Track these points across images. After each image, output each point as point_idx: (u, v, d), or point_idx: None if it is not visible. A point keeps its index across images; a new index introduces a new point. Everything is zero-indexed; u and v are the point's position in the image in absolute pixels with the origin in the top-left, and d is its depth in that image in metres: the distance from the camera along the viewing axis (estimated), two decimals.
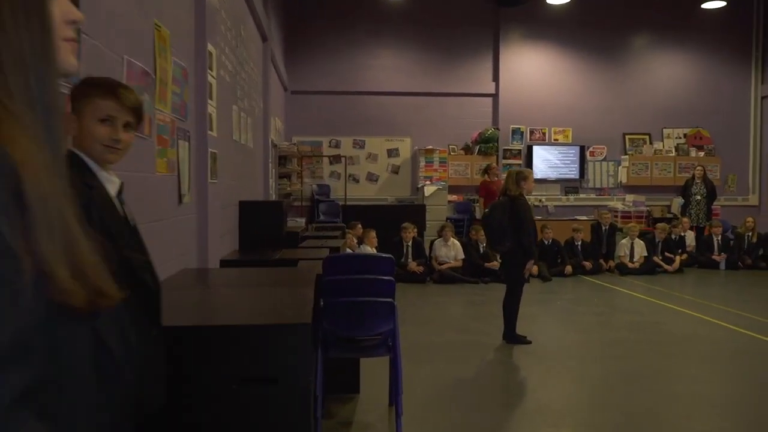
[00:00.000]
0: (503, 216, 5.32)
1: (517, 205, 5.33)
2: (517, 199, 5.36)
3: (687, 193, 11.44)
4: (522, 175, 5.46)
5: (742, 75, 13.33)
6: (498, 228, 5.35)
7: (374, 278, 3.24)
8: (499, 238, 5.38)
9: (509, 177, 5.50)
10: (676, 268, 9.78)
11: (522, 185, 5.40)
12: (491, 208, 5.55)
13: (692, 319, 6.49)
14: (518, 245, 5.30)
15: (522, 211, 5.32)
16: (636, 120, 13.14)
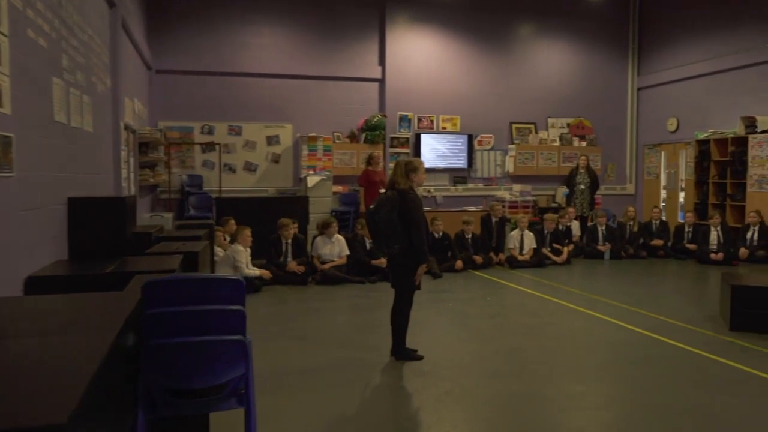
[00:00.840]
0: (392, 213, 4.58)
1: (407, 201, 4.63)
2: (407, 194, 4.66)
3: (571, 182, 11.43)
4: (411, 166, 4.75)
5: (620, 66, 13.59)
6: (386, 227, 4.59)
7: (217, 309, 2.38)
8: (388, 239, 4.65)
9: (397, 168, 4.76)
10: (564, 260, 9.62)
11: (412, 177, 4.72)
12: (378, 203, 4.77)
13: (584, 318, 6.16)
14: (409, 247, 4.62)
15: (413, 208, 4.62)
16: (522, 109, 13.01)
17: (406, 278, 4.71)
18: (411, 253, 4.62)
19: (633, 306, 6.55)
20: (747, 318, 5.44)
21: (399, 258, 4.68)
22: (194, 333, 2.36)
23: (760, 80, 10.72)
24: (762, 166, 10.22)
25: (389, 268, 4.93)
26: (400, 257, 4.67)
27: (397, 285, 4.80)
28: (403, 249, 4.62)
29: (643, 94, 13.56)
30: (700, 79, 12.00)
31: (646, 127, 13.51)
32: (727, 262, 9.51)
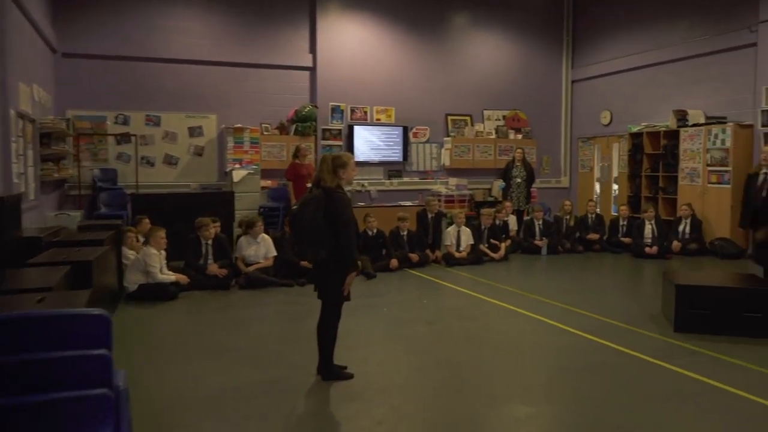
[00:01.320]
0: (317, 213, 4.06)
1: (334, 200, 4.11)
2: (334, 192, 4.14)
3: (508, 175, 11.20)
4: (339, 161, 4.22)
5: (555, 59, 13.48)
6: (310, 229, 4.06)
7: (71, 356, 1.80)
8: (312, 243, 4.10)
9: (323, 164, 4.23)
10: (502, 256, 9.34)
11: (340, 174, 4.20)
12: (301, 203, 4.20)
13: (526, 321, 5.83)
14: (336, 251, 4.12)
15: (341, 208, 4.11)
16: (458, 100, 12.70)
17: (333, 287, 4.18)
18: (338, 259, 4.10)
19: (574, 306, 6.28)
20: (691, 318, 5.23)
21: (325, 264, 4.15)
22: (41, 389, 1.77)
23: (691, 74, 10.76)
24: (693, 160, 10.26)
25: (314, 277, 4.40)
26: (327, 263, 4.14)
27: (324, 295, 4.28)
28: (329, 254, 4.08)
29: (577, 86, 13.50)
30: (632, 73, 11.99)
31: (580, 120, 13.47)
32: (662, 255, 9.48)
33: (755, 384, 4.09)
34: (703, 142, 10.05)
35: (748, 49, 9.77)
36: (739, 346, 4.87)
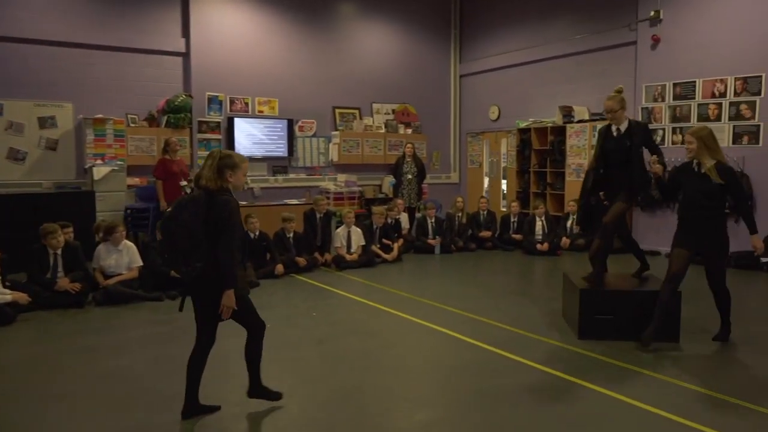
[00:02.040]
0: (195, 219, 3.35)
1: (219, 205, 3.38)
2: (219, 195, 3.41)
3: (398, 171, 10.77)
4: (229, 161, 3.48)
5: (443, 52, 13.25)
6: (186, 238, 3.35)
7: None
8: (187, 254, 3.37)
9: (208, 161, 3.48)
10: (395, 257, 8.88)
11: (227, 176, 3.46)
12: (177, 205, 3.50)
13: (424, 333, 5.37)
14: (215, 266, 3.36)
15: (226, 215, 3.37)
16: (346, 93, 12.11)
17: (209, 309, 3.46)
18: (218, 274, 3.36)
19: (474, 313, 5.90)
20: (596, 325, 4.98)
21: (203, 280, 3.40)
22: None
23: (576, 70, 10.87)
24: (579, 156, 10.35)
25: (192, 295, 3.58)
26: (205, 279, 3.39)
27: (199, 315, 3.55)
28: (207, 268, 3.35)
29: (465, 81, 13.37)
30: (519, 68, 11.99)
31: (468, 115, 13.35)
32: (552, 252, 9.45)
33: (670, 398, 3.84)
34: (588, 138, 10.15)
35: (628, 47, 9.96)
36: (647, 354, 4.66)
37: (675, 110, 9.26)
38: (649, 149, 5.16)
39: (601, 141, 5.30)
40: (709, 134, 4.80)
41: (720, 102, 8.72)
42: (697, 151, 4.76)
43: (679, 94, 9.20)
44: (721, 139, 8.68)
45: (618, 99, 5.14)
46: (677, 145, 9.26)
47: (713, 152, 4.73)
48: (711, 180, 4.69)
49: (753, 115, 8.39)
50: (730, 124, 8.63)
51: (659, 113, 9.47)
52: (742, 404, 3.71)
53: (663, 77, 9.39)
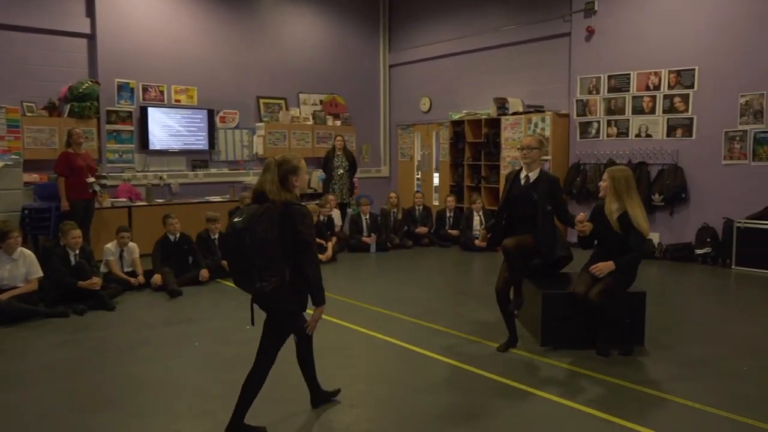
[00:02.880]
0: (271, 233, 3.05)
1: (295, 217, 3.13)
2: (293, 206, 3.15)
3: (329, 166, 10.19)
4: (289, 167, 3.22)
5: (372, 41, 12.74)
6: (262, 253, 3.03)
7: None
8: (264, 269, 3.05)
9: (267, 175, 3.18)
10: (329, 257, 8.33)
11: (292, 183, 3.22)
12: (249, 218, 3.05)
13: (373, 346, 4.88)
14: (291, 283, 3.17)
15: (304, 228, 3.15)
16: (271, 82, 11.38)
17: (280, 326, 3.36)
18: (295, 292, 3.23)
19: (420, 318, 5.46)
20: (557, 331, 4.65)
21: (274, 298, 3.19)
22: None
23: (510, 61, 10.65)
24: (514, 148, 10.14)
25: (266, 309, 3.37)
26: (276, 297, 3.18)
27: (265, 336, 3.40)
28: (281, 282, 3.12)
29: (395, 71, 12.92)
30: (451, 58, 11.67)
31: (399, 107, 12.92)
32: (491, 247, 9.17)
33: (649, 412, 3.53)
34: (523, 130, 9.95)
35: (562, 38, 9.82)
36: (613, 362, 4.37)
37: (610, 103, 9.20)
38: (553, 206, 4.50)
39: (507, 186, 4.72)
40: (622, 177, 4.51)
41: (654, 95, 8.70)
42: (606, 192, 4.55)
43: (614, 87, 9.13)
44: (655, 132, 8.78)
45: (538, 138, 4.61)
46: (612, 138, 9.21)
47: (620, 198, 4.48)
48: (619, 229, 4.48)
49: (686, 108, 8.41)
50: (664, 116, 8.63)
51: (594, 106, 9.38)
52: (674, 400, 3.45)
53: (598, 69, 9.30)
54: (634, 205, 4.51)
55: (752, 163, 7.85)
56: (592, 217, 4.68)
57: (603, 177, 4.67)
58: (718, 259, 7.97)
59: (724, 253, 7.87)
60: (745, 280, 7.14)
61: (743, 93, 7.86)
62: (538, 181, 4.50)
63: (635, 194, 4.56)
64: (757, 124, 7.77)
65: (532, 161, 4.52)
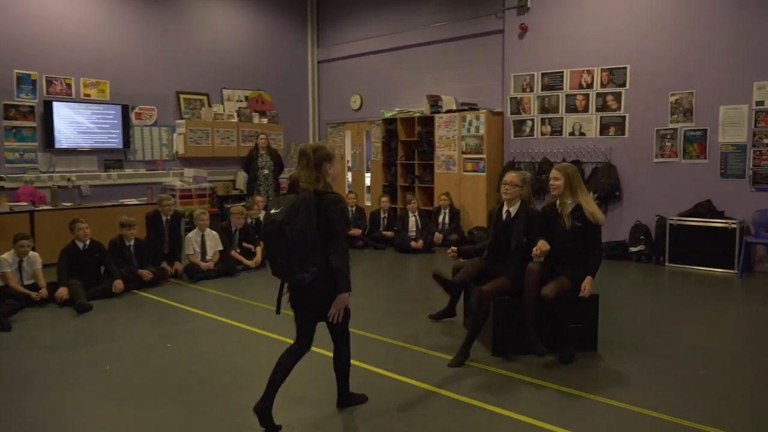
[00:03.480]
0: (311, 223, 3.06)
1: (330, 205, 3.15)
2: (328, 195, 3.17)
3: (252, 166, 9.57)
4: (323, 153, 3.21)
5: (300, 36, 12.24)
6: (304, 243, 3.03)
7: None
8: (304, 260, 3.06)
9: (302, 161, 3.20)
10: (258, 262, 7.77)
11: (326, 170, 3.22)
12: (289, 210, 3.02)
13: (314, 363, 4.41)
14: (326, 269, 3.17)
15: (337, 216, 3.16)
16: (192, 76, 10.67)
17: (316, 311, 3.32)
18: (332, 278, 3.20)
19: (361, 328, 5.03)
20: (509, 338, 4.37)
21: (316, 287, 3.17)
22: None
23: (443, 58, 10.42)
24: (448, 147, 9.92)
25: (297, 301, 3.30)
26: (318, 286, 3.16)
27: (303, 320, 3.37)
28: (321, 272, 3.13)
29: (324, 67, 12.46)
30: (382, 55, 11.33)
31: (328, 104, 12.47)
32: (427, 249, 8.91)
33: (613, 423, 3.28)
34: (457, 128, 9.74)
35: (495, 35, 9.67)
36: (570, 370, 4.13)
37: (543, 101, 9.11)
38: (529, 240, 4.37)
39: (492, 222, 4.68)
40: (575, 172, 4.45)
41: (587, 93, 8.68)
42: (562, 189, 4.38)
43: (548, 85, 9.06)
44: (588, 130, 8.76)
45: (522, 176, 4.50)
46: (546, 136, 9.14)
47: (575, 192, 4.37)
48: (573, 223, 4.33)
49: (619, 107, 8.42)
50: (597, 114, 8.62)
51: (528, 104, 9.28)
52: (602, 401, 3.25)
53: (531, 67, 9.20)
54: (587, 199, 4.43)
55: (682, 161, 7.93)
56: (545, 222, 4.49)
57: (553, 176, 4.45)
58: (651, 257, 8.01)
59: (658, 250, 7.92)
60: (680, 277, 7.17)
61: (673, 92, 7.93)
62: (517, 215, 4.48)
63: (585, 188, 4.50)
64: (687, 122, 7.85)
65: (512, 197, 4.50)
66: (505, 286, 4.36)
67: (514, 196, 4.48)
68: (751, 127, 7.36)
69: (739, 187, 7.49)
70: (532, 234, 4.40)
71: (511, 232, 4.45)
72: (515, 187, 4.47)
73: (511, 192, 4.47)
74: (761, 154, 7.32)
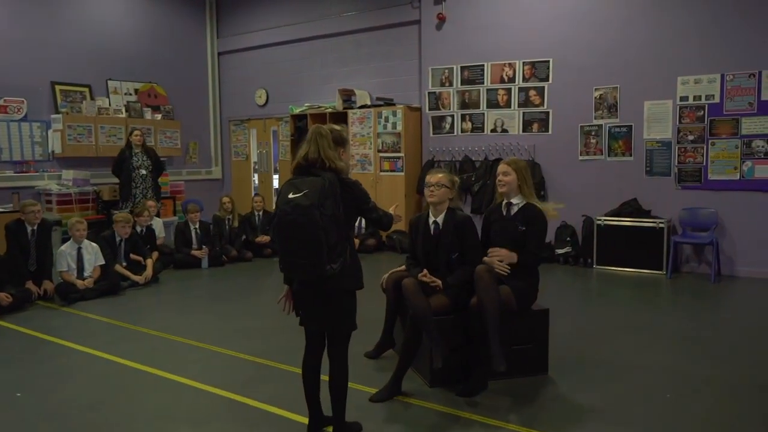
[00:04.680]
0: (338, 209, 2.69)
1: (349, 188, 2.82)
2: (346, 179, 2.81)
3: (125, 167, 8.37)
4: (339, 137, 2.86)
5: (198, 24, 11.14)
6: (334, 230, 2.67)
7: None
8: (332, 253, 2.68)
9: (321, 141, 2.79)
10: (149, 277, 6.71)
11: (341, 155, 2.83)
12: (318, 195, 2.63)
13: (215, 407, 3.55)
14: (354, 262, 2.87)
15: (363, 195, 2.89)
16: (71, 66, 9.36)
17: (348, 312, 2.92)
18: (354, 269, 2.88)
19: (277, 360, 4.21)
20: (449, 364, 3.69)
21: (338, 279, 2.76)
22: None
23: (356, 50, 9.71)
24: (364, 145, 9.22)
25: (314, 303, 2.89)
26: (339, 277, 2.76)
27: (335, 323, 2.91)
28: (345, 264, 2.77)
29: (225, 60, 11.42)
30: (289, 46, 10.47)
31: (231, 100, 11.44)
32: None
33: None
34: (373, 125, 9.05)
35: (412, 26, 9.08)
36: (525, 403, 3.50)
37: (464, 95, 8.60)
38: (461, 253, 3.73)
39: (413, 236, 3.93)
40: (527, 167, 3.90)
41: (509, 87, 8.24)
42: (514, 186, 3.80)
43: (468, 79, 8.55)
44: (511, 127, 8.32)
45: (450, 177, 3.81)
46: (467, 133, 8.63)
47: (523, 189, 3.81)
48: (517, 225, 3.77)
49: (542, 102, 8.04)
50: (519, 110, 8.19)
51: (447, 99, 8.73)
52: None
53: (450, 60, 8.67)
54: (534, 196, 3.87)
55: (608, 159, 7.63)
56: (489, 223, 3.89)
57: (501, 171, 3.84)
58: (579, 259, 7.66)
59: (585, 252, 7.58)
60: (610, 281, 6.83)
61: (597, 86, 7.62)
62: (446, 227, 3.74)
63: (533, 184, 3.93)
64: (611, 119, 7.57)
65: (439, 201, 3.75)
66: (443, 305, 3.68)
67: (442, 198, 3.75)
68: (676, 123, 7.15)
69: (664, 185, 7.27)
70: (466, 247, 3.73)
71: (433, 246, 3.78)
72: (442, 188, 3.74)
73: (438, 194, 3.73)
74: (686, 151, 7.13)
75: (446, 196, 3.76)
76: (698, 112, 7.01)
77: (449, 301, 3.68)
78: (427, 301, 3.56)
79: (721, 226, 6.94)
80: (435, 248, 3.78)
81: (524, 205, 3.80)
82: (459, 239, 3.73)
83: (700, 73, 6.97)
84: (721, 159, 6.93)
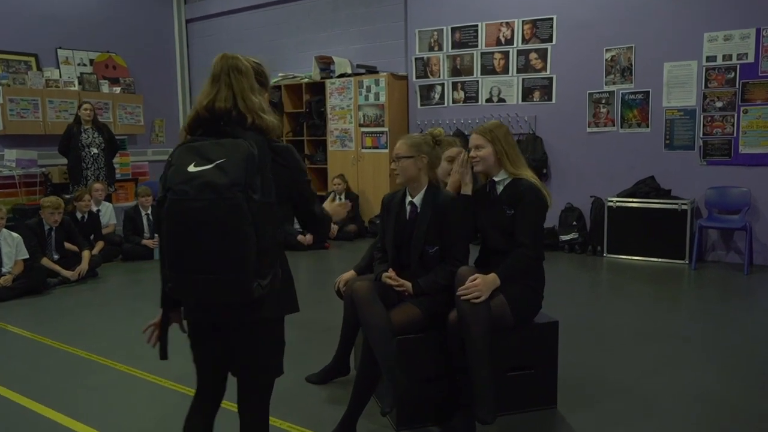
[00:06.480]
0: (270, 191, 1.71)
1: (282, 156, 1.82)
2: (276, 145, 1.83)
3: (74, 145, 7.34)
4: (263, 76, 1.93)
5: None
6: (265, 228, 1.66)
7: None
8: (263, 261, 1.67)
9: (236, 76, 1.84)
10: (84, 271, 5.74)
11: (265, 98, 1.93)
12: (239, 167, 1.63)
13: None
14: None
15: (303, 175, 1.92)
16: (14, 32, 8.33)
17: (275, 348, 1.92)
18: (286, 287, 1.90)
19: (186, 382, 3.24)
20: (420, 399, 2.73)
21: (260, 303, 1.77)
22: None
23: (334, 13, 8.65)
24: (343, 119, 8.21)
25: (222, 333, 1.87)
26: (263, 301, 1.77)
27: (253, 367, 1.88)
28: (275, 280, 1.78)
29: (193, 27, 10.36)
30: (261, 11, 9.41)
31: (200, 72, 10.36)
32: (319, 244, 7.19)
33: None
34: (354, 96, 8.03)
35: None
36: None
37: (455, 61, 7.57)
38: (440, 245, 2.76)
39: (387, 218, 2.93)
40: (507, 134, 2.87)
41: (507, 50, 7.21)
42: (490, 161, 2.82)
43: (459, 41, 7.52)
44: (509, 95, 7.30)
45: (412, 141, 2.78)
46: (459, 104, 7.62)
47: (511, 163, 2.81)
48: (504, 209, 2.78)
49: (544, 66, 7.01)
50: (518, 77, 7.17)
51: (436, 65, 7.71)
52: None
53: (439, 21, 7.63)
54: (525, 168, 2.87)
55: (620, 131, 6.63)
56: (477, 210, 2.88)
57: (473, 145, 2.84)
58: (587, 246, 6.69)
59: (594, 238, 6.60)
60: (623, 272, 5.85)
61: (608, 47, 6.60)
62: (423, 210, 2.75)
63: (520, 153, 2.90)
64: (625, 84, 6.55)
65: (408, 179, 2.78)
66: (414, 318, 2.70)
67: (408, 173, 2.75)
68: (701, 88, 6.14)
69: (687, 161, 6.28)
70: (448, 238, 2.75)
71: (408, 232, 2.80)
72: (402, 160, 2.75)
73: (401, 168, 2.75)
74: (713, 120, 6.12)
75: (413, 170, 2.75)
76: (728, 74, 5.99)
77: (421, 312, 2.70)
78: (384, 312, 2.59)
79: (754, 207, 5.96)
80: (408, 238, 2.80)
81: (510, 182, 2.80)
82: (439, 227, 2.74)
83: (730, 28, 5.94)
84: (754, 129, 5.93)
